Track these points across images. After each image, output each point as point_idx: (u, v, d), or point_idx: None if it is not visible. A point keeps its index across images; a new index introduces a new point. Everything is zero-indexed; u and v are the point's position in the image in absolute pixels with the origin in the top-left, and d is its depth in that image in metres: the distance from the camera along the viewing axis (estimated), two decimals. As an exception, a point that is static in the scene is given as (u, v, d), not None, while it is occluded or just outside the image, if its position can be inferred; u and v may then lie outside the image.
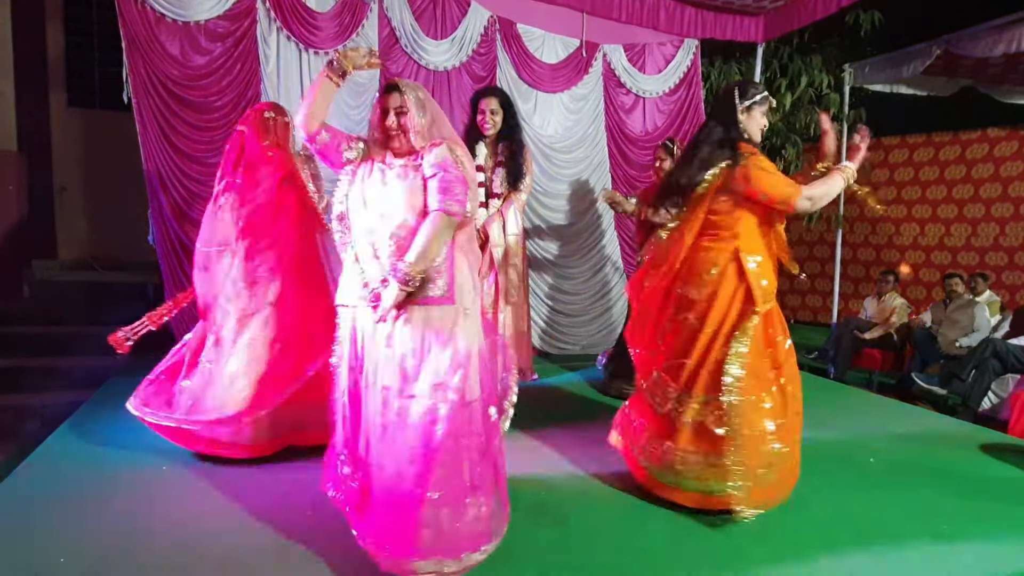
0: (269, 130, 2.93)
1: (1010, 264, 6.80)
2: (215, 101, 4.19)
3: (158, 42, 4.04)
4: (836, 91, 6.54)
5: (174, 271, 4.11)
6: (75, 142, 5.77)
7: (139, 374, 3.01)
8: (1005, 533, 2.40)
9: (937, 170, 7.33)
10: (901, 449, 3.35)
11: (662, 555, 2.17)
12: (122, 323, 3.11)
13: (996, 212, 6.90)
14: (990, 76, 5.98)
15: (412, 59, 4.73)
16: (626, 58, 5.48)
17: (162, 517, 2.32)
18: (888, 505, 2.62)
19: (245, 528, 2.25)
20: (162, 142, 4.08)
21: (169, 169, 4.10)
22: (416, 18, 4.71)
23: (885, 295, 5.94)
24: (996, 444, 3.47)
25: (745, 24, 5.63)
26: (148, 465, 2.77)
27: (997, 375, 4.51)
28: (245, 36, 4.25)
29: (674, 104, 5.69)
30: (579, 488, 2.70)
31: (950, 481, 2.91)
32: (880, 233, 7.77)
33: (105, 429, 3.17)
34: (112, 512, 2.35)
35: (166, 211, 4.10)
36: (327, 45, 4.44)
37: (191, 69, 4.13)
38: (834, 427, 3.65)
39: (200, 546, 2.12)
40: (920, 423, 3.91)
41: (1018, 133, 6.75)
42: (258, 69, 4.29)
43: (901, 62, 5.60)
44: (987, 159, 6.97)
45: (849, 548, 2.25)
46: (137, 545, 2.11)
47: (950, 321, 5.37)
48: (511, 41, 5.04)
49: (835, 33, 6.92)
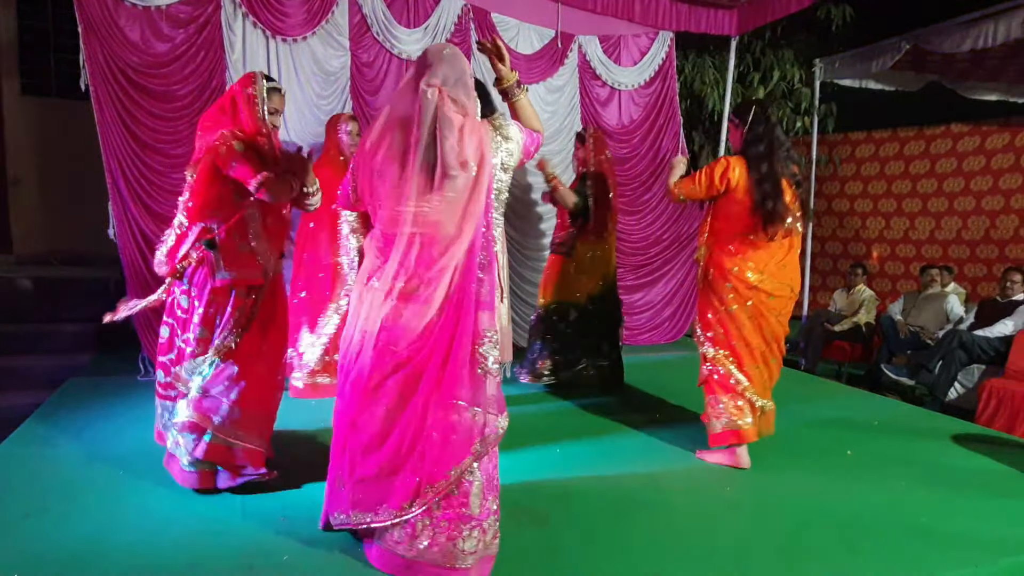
0: None
1: (972, 257, 6.96)
2: (178, 90, 4.03)
3: (117, 27, 3.87)
4: (807, 86, 6.61)
5: (136, 266, 3.95)
6: (29, 132, 5.53)
7: (101, 374, 2.89)
8: (981, 524, 2.44)
9: (902, 165, 7.47)
10: (875, 441, 3.40)
11: (642, 554, 2.15)
12: (83, 320, 2.97)
13: (959, 206, 7.06)
14: (957, 71, 6.10)
15: (384, 48, 4.62)
16: (601, 50, 5.45)
17: (123, 526, 2.22)
18: (865, 497, 2.65)
19: (211, 536, 2.17)
20: (122, 132, 3.91)
21: (130, 160, 3.93)
22: (388, 5, 4.60)
23: (854, 288, 6.03)
24: (965, 434, 3.55)
25: (719, 17, 5.64)
26: (108, 471, 2.65)
27: (963, 366, 4.62)
28: (209, 22, 4.09)
29: (649, 97, 5.68)
30: (560, 490, 2.67)
31: (924, 472, 2.95)
32: (847, 227, 7.90)
33: (64, 433, 3.04)
34: (70, 522, 2.24)
35: (128, 203, 3.94)
36: (295, 32, 4.31)
37: (152, 56, 3.97)
38: (808, 420, 3.69)
39: (164, 556, 2.03)
40: (891, 414, 3.98)
41: (980, 129, 6.90)
42: (223, 57, 4.14)
43: (871, 57, 5.68)
44: (950, 154, 7.12)
45: (829, 541, 2.26)
46: (97, 556, 2.01)
47: (918, 310, 5.50)
48: (486, 31, 4.96)
49: (806, 28, 6.99)
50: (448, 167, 1.85)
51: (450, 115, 1.88)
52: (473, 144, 1.89)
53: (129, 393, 3.68)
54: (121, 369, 4.03)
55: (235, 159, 2.39)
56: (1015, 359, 4.30)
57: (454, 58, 1.95)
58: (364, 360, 1.94)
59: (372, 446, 1.95)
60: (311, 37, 4.37)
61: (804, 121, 6.75)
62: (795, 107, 6.79)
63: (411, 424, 1.91)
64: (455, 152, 1.86)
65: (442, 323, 1.91)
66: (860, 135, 7.73)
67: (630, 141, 5.62)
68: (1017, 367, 4.25)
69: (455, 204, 1.88)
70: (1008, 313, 4.70)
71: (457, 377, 1.90)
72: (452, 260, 1.89)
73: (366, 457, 1.96)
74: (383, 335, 1.91)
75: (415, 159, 1.87)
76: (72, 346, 4.41)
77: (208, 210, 2.46)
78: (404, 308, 1.90)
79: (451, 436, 1.89)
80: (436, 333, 1.90)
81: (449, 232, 1.89)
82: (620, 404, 3.92)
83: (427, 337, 1.90)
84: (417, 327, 1.89)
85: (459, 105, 1.92)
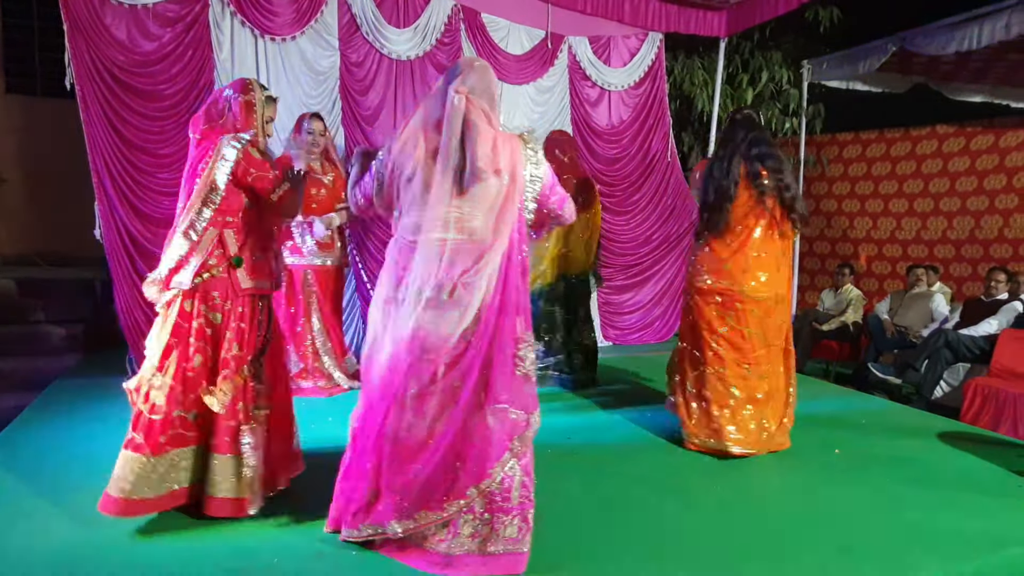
0: None
1: (957, 256, 7.03)
2: (165, 89, 4.00)
3: (103, 26, 3.84)
4: (795, 87, 6.65)
5: (123, 266, 3.92)
6: (14, 131, 5.47)
7: (87, 376, 2.86)
8: (966, 520, 2.46)
9: (889, 165, 7.53)
10: (863, 439, 3.43)
11: (629, 553, 2.16)
12: (69, 321, 2.94)
13: (944, 206, 7.13)
14: (942, 73, 6.16)
15: (374, 48, 4.61)
16: (591, 51, 5.46)
17: (109, 529, 2.18)
18: (853, 495, 2.67)
19: (198, 539, 2.15)
20: (108, 131, 3.88)
21: (116, 160, 3.90)
22: (377, 5, 4.58)
23: (842, 288, 6.08)
24: (950, 432, 3.59)
25: (708, 19, 5.68)
26: (94, 475, 2.60)
27: (949, 364, 4.67)
28: (196, 21, 4.07)
29: (639, 97, 5.70)
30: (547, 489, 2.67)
31: (910, 469, 2.98)
32: (835, 227, 7.95)
33: (49, 435, 3.01)
34: (57, 525, 2.22)
35: (114, 204, 3.91)
36: (284, 32, 4.29)
37: (139, 55, 3.94)
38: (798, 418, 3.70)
39: (151, 559, 2.01)
40: (878, 412, 4.02)
41: (964, 130, 6.97)
42: (211, 56, 4.12)
43: (858, 58, 5.72)
44: (936, 155, 7.19)
45: (817, 539, 2.28)
46: (83, 560, 1.99)
47: (905, 309, 5.55)
48: (476, 31, 4.96)
49: (795, 30, 7.04)
50: (479, 172, 1.89)
51: (479, 122, 1.92)
52: (507, 153, 1.95)
53: (116, 395, 3.64)
54: (108, 371, 3.99)
55: (255, 167, 2.32)
56: (999, 358, 4.35)
57: (484, 70, 2.02)
58: (397, 371, 1.96)
59: (413, 455, 1.96)
60: (300, 36, 4.36)
61: (792, 122, 6.81)
62: (783, 108, 6.84)
63: (452, 429, 1.94)
64: (489, 159, 1.90)
65: (480, 330, 1.93)
66: (848, 136, 7.78)
67: (620, 142, 5.63)
68: (1001, 366, 4.30)
69: (490, 210, 1.92)
70: (992, 312, 4.76)
71: (499, 382, 1.94)
72: (488, 266, 1.92)
73: (406, 466, 1.97)
74: (416, 344, 1.93)
75: (444, 164, 1.90)
76: (58, 347, 4.37)
77: (222, 218, 2.32)
78: (437, 316, 1.91)
79: (492, 437, 1.93)
80: (475, 340, 1.93)
81: (485, 238, 1.93)
82: (607, 403, 3.93)
83: (466, 344, 1.93)
84: (452, 335, 1.92)
85: (484, 114, 1.96)
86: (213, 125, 2.40)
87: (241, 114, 2.39)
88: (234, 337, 2.30)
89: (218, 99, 2.45)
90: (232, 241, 2.34)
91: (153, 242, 3.97)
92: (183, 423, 2.25)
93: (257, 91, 2.44)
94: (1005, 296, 4.94)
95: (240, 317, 2.32)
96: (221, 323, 2.31)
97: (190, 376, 2.25)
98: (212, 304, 2.30)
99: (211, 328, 2.30)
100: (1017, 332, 4.45)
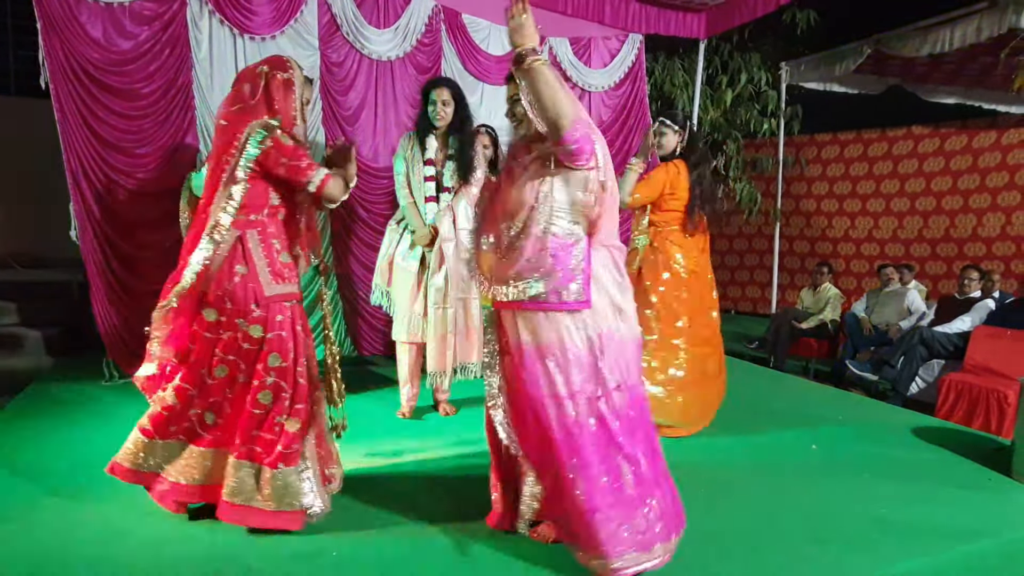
0: None
1: (933, 255, 7.17)
2: (142, 88, 3.95)
3: (78, 23, 3.78)
4: (774, 88, 6.74)
5: (100, 267, 3.87)
6: (-13, 131, 5.37)
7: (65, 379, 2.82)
8: (939, 513, 2.51)
9: (866, 166, 7.65)
10: (840, 435, 3.47)
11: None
12: (46, 323, 2.89)
13: (920, 206, 7.26)
14: (916, 75, 6.28)
15: (354, 48, 4.58)
16: (572, 52, 5.48)
17: (86, 534, 2.16)
18: (830, 489, 2.71)
19: (176, 544, 2.13)
20: (84, 131, 3.82)
21: (92, 160, 3.84)
22: (358, 5, 4.56)
23: (820, 286, 6.17)
24: (925, 427, 3.65)
25: (687, 20, 5.72)
26: (71, 478, 2.58)
27: (924, 361, 4.75)
28: (174, 20, 4.02)
29: (619, 98, 5.73)
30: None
31: (886, 464, 3.03)
32: (814, 226, 8.07)
33: (26, 439, 2.96)
34: (33, 530, 2.18)
35: (90, 204, 3.85)
36: (263, 31, 4.26)
37: (115, 54, 3.88)
38: (777, 415, 3.76)
39: (128, 563, 1.99)
40: (855, 409, 4.07)
41: (939, 131, 7.11)
42: (189, 55, 4.08)
43: (835, 60, 5.82)
44: (912, 155, 7.32)
45: (794, 532, 2.31)
46: (60, 566, 1.96)
47: (881, 306, 5.64)
48: (456, 32, 4.96)
49: (773, 32, 7.13)
50: None
51: None
52: None
53: (93, 398, 3.60)
54: (85, 374, 3.94)
55: (287, 155, 2.09)
56: (973, 354, 4.43)
57: None
58: (632, 385, 2.01)
59: (663, 467, 2.06)
60: (280, 36, 4.33)
61: (771, 123, 6.89)
62: (762, 109, 6.92)
63: None
64: None
65: None
66: (826, 136, 7.90)
67: (601, 142, 5.66)
68: (974, 361, 4.39)
69: None
70: (966, 310, 4.85)
71: None
72: None
73: (667, 480, 2.06)
74: None
75: None
76: (35, 350, 4.30)
77: (245, 216, 2.12)
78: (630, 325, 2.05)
79: None
80: None
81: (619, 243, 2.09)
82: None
83: None
84: None
85: None
86: (244, 107, 2.14)
87: (279, 93, 2.15)
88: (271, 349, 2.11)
89: (251, 76, 2.19)
90: (256, 244, 2.13)
91: (130, 244, 3.93)
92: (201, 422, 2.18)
93: (296, 69, 2.22)
94: (978, 294, 5.05)
95: (280, 326, 2.13)
96: (260, 336, 2.11)
97: (210, 384, 2.14)
98: (241, 312, 2.10)
99: (248, 342, 2.11)
100: (990, 329, 4.54)
